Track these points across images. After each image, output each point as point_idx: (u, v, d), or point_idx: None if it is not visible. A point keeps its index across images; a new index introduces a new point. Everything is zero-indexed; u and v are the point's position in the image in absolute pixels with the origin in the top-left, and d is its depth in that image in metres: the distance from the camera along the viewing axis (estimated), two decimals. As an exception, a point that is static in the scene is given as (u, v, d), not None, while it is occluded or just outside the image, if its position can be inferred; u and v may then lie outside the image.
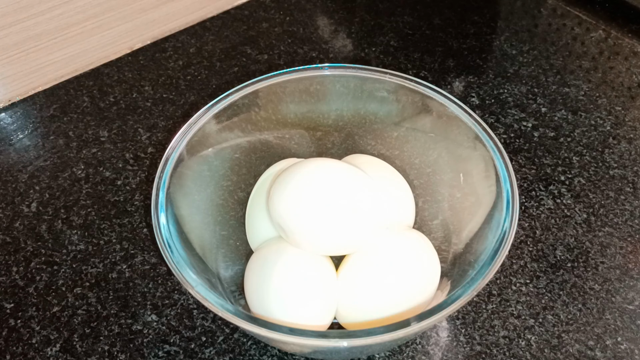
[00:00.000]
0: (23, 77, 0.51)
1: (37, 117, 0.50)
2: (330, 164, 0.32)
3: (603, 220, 0.41)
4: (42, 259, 0.40)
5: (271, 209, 0.32)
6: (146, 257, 0.40)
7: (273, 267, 0.32)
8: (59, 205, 0.43)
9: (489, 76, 0.52)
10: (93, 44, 0.53)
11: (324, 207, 0.30)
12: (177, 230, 0.31)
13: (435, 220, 0.38)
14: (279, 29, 0.57)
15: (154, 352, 0.35)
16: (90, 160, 0.46)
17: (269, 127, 0.40)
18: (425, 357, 0.34)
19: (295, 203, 0.31)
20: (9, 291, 0.38)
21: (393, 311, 0.32)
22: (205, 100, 0.36)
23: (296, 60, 0.54)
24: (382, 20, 0.58)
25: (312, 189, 0.31)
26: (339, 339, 0.26)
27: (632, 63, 0.52)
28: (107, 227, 0.42)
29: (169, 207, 0.31)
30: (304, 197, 0.31)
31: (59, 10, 0.49)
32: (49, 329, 0.36)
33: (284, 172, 0.33)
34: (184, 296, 0.38)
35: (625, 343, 0.35)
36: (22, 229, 0.42)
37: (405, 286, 0.32)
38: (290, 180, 0.31)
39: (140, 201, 0.43)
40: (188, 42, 0.56)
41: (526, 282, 0.38)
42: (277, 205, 0.31)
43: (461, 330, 0.36)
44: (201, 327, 0.36)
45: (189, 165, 0.35)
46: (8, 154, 0.47)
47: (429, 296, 0.32)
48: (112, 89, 0.52)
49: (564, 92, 0.50)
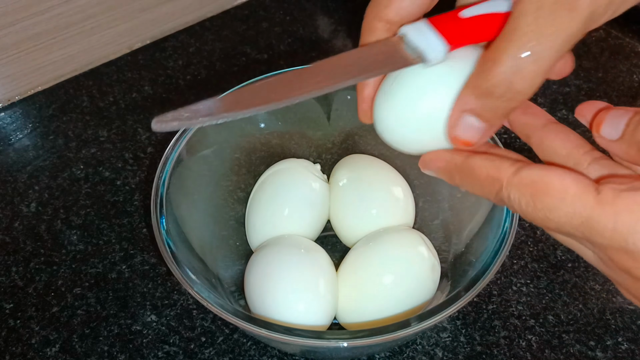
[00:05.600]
0: (22, 77, 0.51)
1: (37, 117, 0.50)
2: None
3: (603, 220, 0.41)
4: (41, 259, 0.40)
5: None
6: (146, 258, 0.40)
7: (273, 268, 0.32)
8: (59, 205, 0.43)
9: (489, 76, 0.52)
10: (92, 44, 0.53)
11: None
12: (177, 230, 0.31)
13: (436, 220, 0.38)
14: (279, 29, 0.57)
15: (154, 352, 0.35)
16: (89, 160, 0.46)
17: (268, 127, 0.40)
18: (426, 357, 0.34)
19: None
20: (8, 291, 0.38)
21: (393, 311, 0.32)
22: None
23: (296, 60, 0.54)
24: (382, 19, 0.58)
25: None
26: (339, 339, 0.26)
27: (633, 63, 0.52)
28: (107, 227, 0.41)
29: (168, 207, 0.31)
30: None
31: (59, 10, 0.49)
32: (48, 329, 0.36)
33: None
34: (184, 296, 0.37)
35: (626, 343, 0.35)
36: (21, 229, 0.42)
37: (405, 287, 0.32)
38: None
39: (139, 201, 0.43)
40: (188, 42, 0.56)
41: (527, 282, 0.38)
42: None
43: (462, 331, 0.35)
44: (201, 327, 0.36)
45: (189, 165, 0.35)
46: (7, 154, 0.47)
47: (428, 297, 0.32)
48: (112, 89, 0.52)
49: (565, 92, 0.50)
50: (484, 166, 0.21)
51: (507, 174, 0.20)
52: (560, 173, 0.19)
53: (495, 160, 0.21)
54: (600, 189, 0.19)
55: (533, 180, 0.20)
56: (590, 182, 0.19)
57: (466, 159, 0.22)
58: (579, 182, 0.19)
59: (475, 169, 0.22)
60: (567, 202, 0.19)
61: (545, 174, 0.19)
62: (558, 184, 0.19)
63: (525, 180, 0.20)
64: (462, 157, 0.23)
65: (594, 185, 0.19)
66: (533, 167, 0.20)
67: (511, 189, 0.20)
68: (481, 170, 0.21)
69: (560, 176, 0.19)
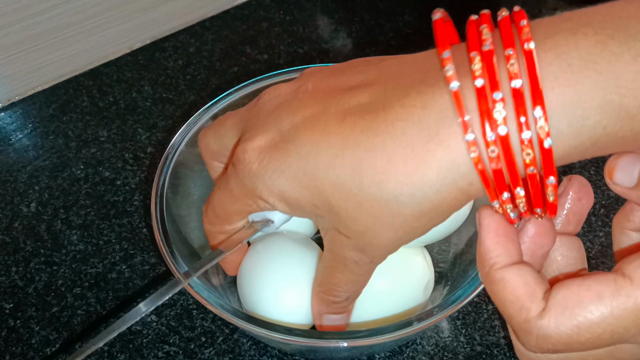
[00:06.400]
0: (22, 77, 0.51)
1: (37, 117, 0.50)
2: None
3: (603, 220, 0.41)
4: (41, 259, 0.40)
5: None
6: (145, 258, 0.40)
7: (260, 263, 0.32)
8: (58, 205, 0.43)
9: (489, 76, 0.52)
10: (92, 44, 0.53)
11: None
12: (176, 230, 0.31)
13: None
14: (279, 29, 0.57)
15: (154, 352, 0.35)
16: (89, 160, 0.46)
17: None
18: (426, 357, 0.34)
19: None
20: (8, 291, 0.38)
21: (388, 312, 0.32)
22: (204, 100, 0.36)
23: (296, 60, 0.54)
24: (382, 20, 0.58)
25: None
26: (339, 339, 0.26)
27: (633, 63, 0.52)
28: (107, 227, 0.41)
29: (168, 207, 0.31)
30: None
31: (58, 10, 0.49)
32: (48, 329, 0.36)
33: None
34: (184, 296, 0.37)
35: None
36: (21, 229, 0.42)
37: (397, 289, 0.32)
38: None
39: (139, 201, 0.43)
40: (188, 42, 0.56)
41: (526, 282, 0.38)
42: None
43: (462, 331, 0.35)
44: (201, 327, 0.36)
45: (189, 165, 0.35)
46: (7, 154, 0.47)
47: (421, 298, 0.32)
48: (112, 89, 0.52)
49: (564, 92, 0.50)
50: (517, 285, 0.19)
51: (538, 308, 0.19)
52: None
53: (531, 284, 0.19)
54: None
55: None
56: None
57: (504, 267, 0.20)
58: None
59: (506, 283, 0.19)
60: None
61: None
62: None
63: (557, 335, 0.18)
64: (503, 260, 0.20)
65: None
66: (557, 288, 0.18)
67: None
68: (512, 287, 0.19)
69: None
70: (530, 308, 0.18)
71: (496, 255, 0.20)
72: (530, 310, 0.18)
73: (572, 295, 0.18)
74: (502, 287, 0.19)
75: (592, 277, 0.18)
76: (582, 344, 0.18)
